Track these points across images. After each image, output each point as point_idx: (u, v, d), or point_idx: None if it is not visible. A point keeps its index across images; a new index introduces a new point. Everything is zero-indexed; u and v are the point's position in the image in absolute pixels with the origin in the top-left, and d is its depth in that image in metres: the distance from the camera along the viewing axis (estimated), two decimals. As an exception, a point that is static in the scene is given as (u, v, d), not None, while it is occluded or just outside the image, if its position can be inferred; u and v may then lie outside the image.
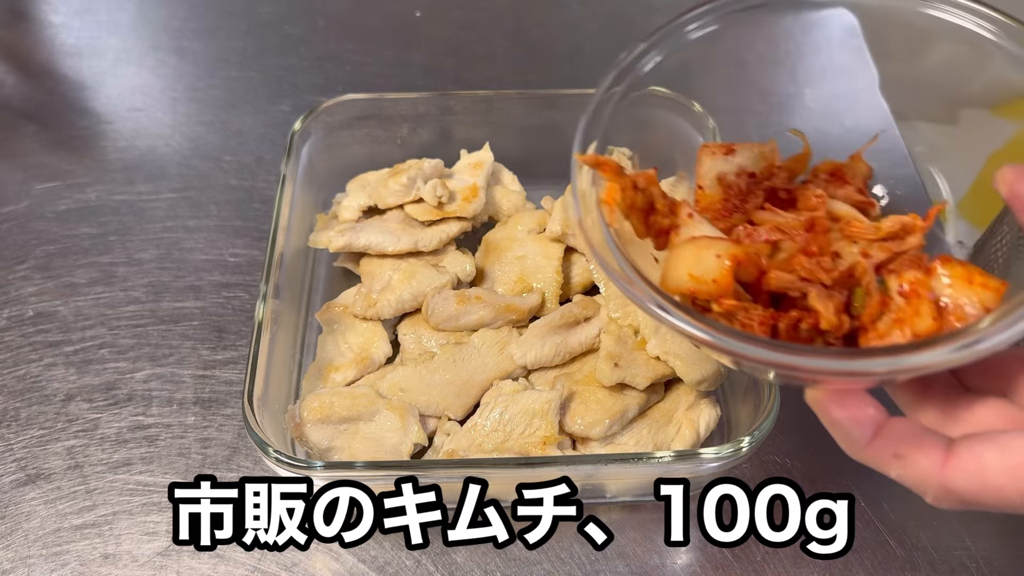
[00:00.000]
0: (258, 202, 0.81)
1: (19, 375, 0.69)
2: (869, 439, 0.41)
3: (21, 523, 0.61)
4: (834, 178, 0.52)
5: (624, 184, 0.48)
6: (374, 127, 0.76)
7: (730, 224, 0.50)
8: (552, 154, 0.75)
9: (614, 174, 0.49)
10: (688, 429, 0.60)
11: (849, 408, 0.41)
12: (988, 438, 0.39)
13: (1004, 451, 0.38)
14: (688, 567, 0.58)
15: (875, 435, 0.41)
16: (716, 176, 0.52)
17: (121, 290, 0.74)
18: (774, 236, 0.48)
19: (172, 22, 1.01)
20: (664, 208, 0.49)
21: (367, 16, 1.02)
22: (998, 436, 0.39)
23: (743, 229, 0.49)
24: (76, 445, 0.65)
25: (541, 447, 0.58)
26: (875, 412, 0.41)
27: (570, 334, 0.64)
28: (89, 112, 0.90)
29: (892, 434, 0.40)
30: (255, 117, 0.90)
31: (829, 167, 0.53)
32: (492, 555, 0.59)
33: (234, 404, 0.67)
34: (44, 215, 0.80)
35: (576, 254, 0.70)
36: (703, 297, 0.45)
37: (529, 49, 0.96)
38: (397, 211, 0.72)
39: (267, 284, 0.61)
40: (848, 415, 0.41)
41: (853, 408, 0.41)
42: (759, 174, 0.52)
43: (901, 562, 0.58)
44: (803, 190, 0.51)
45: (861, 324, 0.44)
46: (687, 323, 0.41)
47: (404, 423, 0.59)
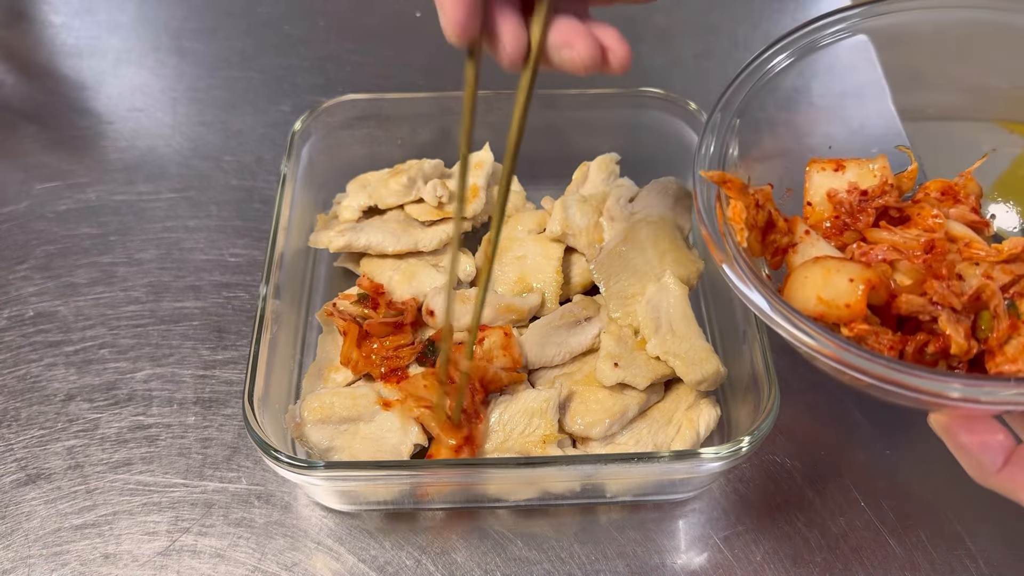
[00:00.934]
0: (258, 202, 0.81)
1: (19, 375, 0.69)
2: (1000, 466, 0.40)
3: (21, 523, 0.61)
4: (945, 196, 0.51)
5: (748, 202, 0.47)
6: (374, 127, 0.76)
7: (842, 242, 0.50)
8: (552, 154, 0.75)
9: (739, 192, 0.48)
10: (688, 429, 0.60)
11: (978, 434, 0.40)
12: None
13: None
14: (688, 567, 0.58)
15: (1006, 462, 0.40)
16: (826, 193, 0.52)
17: (121, 290, 0.75)
18: (891, 256, 0.47)
19: (172, 22, 1.01)
20: (784, 226, 0.48)
21: (367, 16, 1.02)
22: None
23: (857, 247, 0.48)
24: (76, 445, 0.65)
25: (541, 446, 0.58)
26: (1005, 438, 0.41)
27: (570, 334, 0.64)
28: (89, 112, 0.90)
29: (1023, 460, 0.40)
30: (255, 117, 0.90)
31: (940, 185, 0.52)
32: (492, 555, 0.59)
33: (234, 404, 0.67)
34: (44, 215, 0.80)
35: (576, 254, 0.70)
36: (832, 320, 0.44)
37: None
38: (397, 211, 0.73)
39: (267, 284, 0.61)
40: (978, 441, 0.40)
41: (982, 434, 0.40)
42: (871, 192, 0.51)
43: (901, 562, 0.58)
44: (916, 208, 0.50)
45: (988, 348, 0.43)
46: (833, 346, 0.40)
47: (404, 423, 0.59)
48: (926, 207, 0.50)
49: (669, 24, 1.01)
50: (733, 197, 0.48)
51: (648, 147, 0.74)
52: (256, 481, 0.63)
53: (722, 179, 0.48)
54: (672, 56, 0.96)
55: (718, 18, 1.00)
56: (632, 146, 0.75)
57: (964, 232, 0.49)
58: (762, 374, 0.56)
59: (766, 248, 0.49)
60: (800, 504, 0.61)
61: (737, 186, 0.48)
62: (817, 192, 0.52)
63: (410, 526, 0.60)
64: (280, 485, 0.62)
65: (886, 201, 0.50)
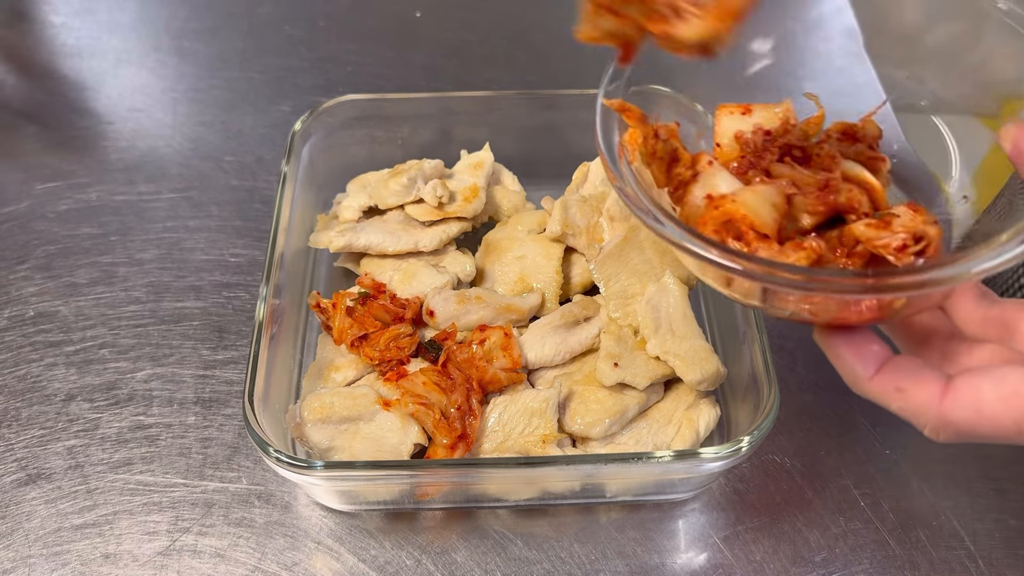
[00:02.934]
0: (259, 202, 0.82)
1: (20, 375, 0.69)
2: (873, 374, 0.43)
3: (22, 523, 0.61)
4: (846, 136, 0.54)
5: (647, 132, 0.50)
6: (374, 127, 0.76)
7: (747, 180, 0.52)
8: (552, 154, 0.75)
9: (638, 121, 0.51)
10: (688, 429, 0.60)
11: (856, 345, 0.43)
12: (984, 371, 0.41)
13: (999, 382, 0.40)
14: (688, 567, 0.58)
15: (878, 370, 0.43)
16: (734, 134, 0.54)
17: (122, 290, 0.75)
18: (790, 190, 0.49)
19: (173, 22, 1.01)
20: (688, 159, 0.51)
21: (368, 16, 1.02)
22: (993, 369, 0.41)
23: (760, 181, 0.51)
24: (77, 445, 0.65)
25: (541, 446, 0.58)
26: (879, 349, 0.43)
27: (570, 334, 0.64)
28: (90, 112, 0.90)
29: (894, 369, 0.43)
30: (256, 117, 0.90)
31: (841, 127, 0.54)
32: (492, 554, 0.59)
33: (234, 404, 0.67)
34: (45, 215, 0.80)
35: (576, 254, 0.70)
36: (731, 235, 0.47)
37: (529, 49, 0.96)
38: (397, 211, 0.73)
39: (267, 284, 0.61)
40: (854, 351, 0.43)
41: (859, 345, 0.43)
42: (774, 132, 0.54)
43: (901, 562, 0.58)
44: (817, 148, 0.53)
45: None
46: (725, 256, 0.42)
47: (404, 423, 0.59)
48: (825, 147, 0.52)
49: (669, 24, 1.01)
50: (632, 125, 0.51)
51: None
52: (256, 481, 0.63)
53: (622, 107, 0.51)
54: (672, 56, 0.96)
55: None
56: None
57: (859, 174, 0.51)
58: (762, 374, 0.56)
59: (671, 181, 0.52)
60: (800, 504, 0.61)
61: (636, 115, 0.51)
62: (725, 134, 0.55)
63: (410, 526, 0.60)
64: (280, 485, 0.62)
65: (787, 140, 0.53)
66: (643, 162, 0.50)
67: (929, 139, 0.57)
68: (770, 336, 0.59)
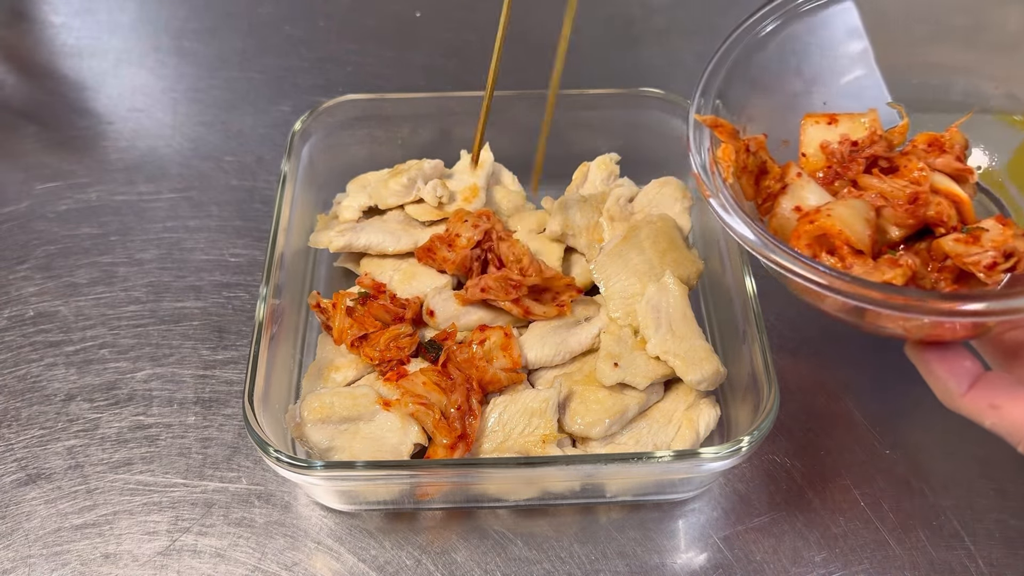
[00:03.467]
0: (259, 202, 0.82)
1: (20, 375, 0.69)
2: (966, 390, 0.43)
3: (22, 523, 0.61)
4: (932, 148, 0.54)
5: (739, 146, 0.50)
6: (374, 127, 0.76)
7: (833, 191, 0.52)
8: (552, 154, 0.75)
9: (730, 136, 0.51)
10: (688, 429, 0.60)
11: (948, 361, 0.44)
12: None
13: None
14: (688, 567, 0.58)
15: (972, 386, 0.43)
16: (819, 144, 0.55)
17: (122, 290, 0.75)
18: (878, 203, 0.49)
19: (173, 23, 1.01)
20: (777, 172, 0.51)
21: (367, 17, 1.02)
22: None
23: (848, 192, 0.51)
24: (77, 445, 0.65)
25: (541, 446, 0.58)
26: (971, 365, 0.44)
27: (570, 334, 0.64)
28: (90, 112, 0.90)
29: (988, 385, 0.43)
30: (256, 117, 0.90)
31: (928, 137, 0.54)
32: (492, 554, 0.59)
33: (234, 404, 0.67)
34: (45, 215, 0.80)
35: (576, 254, 0.70)
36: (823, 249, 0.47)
37: (529, 49, 0.96)
38: (397, 211, 0.73)
39: (267, 284, 0.61)
40: (947, 367, 0.44)
41: (952, 361, 0.44)
42: (861, 142, 0.54)
43: (901, 562, 0.58)
44: (904, 160, 0.52)
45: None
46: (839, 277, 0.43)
47: (404, 423, 0.59)
48: (913, 159, 0.52)
49: (669, 24, 1.01)
50: (724, 140, 0.52)
51: (648, 147, 0.74)
52: (256, 481, 0.63)
53: (714, 123, 0.52)
54: (672, 56, 0.96)
55: (718, 18, 1.00)
56: (632, 146, 0.75)
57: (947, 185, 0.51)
58: (762, 374, 0.56)
59: (759, 193, 0.52)
60: (800, 504, 0.61)
61: (728, 130, 0.52)
62: (811, 144, 0.55)
63: (410, 526, 0.60)
64: (280, 485, 0.62)
65: (875, 151, 0.53)
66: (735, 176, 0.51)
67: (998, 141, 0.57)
68: (770, 336, 0.59)
